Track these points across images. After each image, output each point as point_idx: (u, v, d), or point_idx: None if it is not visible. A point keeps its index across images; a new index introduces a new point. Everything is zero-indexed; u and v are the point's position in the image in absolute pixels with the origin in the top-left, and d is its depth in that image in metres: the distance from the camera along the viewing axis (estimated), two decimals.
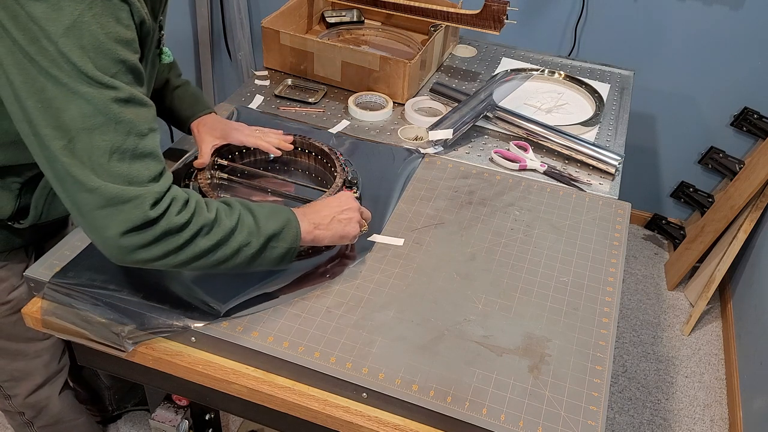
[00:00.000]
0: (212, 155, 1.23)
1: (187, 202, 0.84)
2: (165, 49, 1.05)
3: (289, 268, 1.05)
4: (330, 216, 1.01)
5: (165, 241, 0.81)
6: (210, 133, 1.22)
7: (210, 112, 1.26)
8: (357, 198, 1.22)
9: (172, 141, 2.39)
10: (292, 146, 1.29)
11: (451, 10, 1.56)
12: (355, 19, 1.83)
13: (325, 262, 1.09)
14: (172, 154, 1.33)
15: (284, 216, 0.94)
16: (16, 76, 0.75)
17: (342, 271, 1.08)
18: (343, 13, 1.83)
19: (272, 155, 1.28)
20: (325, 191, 1.18)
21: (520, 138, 1.44)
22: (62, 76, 0.74)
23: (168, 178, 0.84)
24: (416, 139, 1.44)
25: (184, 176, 1.23)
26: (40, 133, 0.76)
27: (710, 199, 2.30)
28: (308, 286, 1.04)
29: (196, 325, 0.96)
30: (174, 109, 1.25)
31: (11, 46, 0.74)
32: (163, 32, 1.03)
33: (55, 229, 1.24)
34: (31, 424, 1.38)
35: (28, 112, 0.76)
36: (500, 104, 1.51)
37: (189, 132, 1.26)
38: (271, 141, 1.27)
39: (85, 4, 0.74)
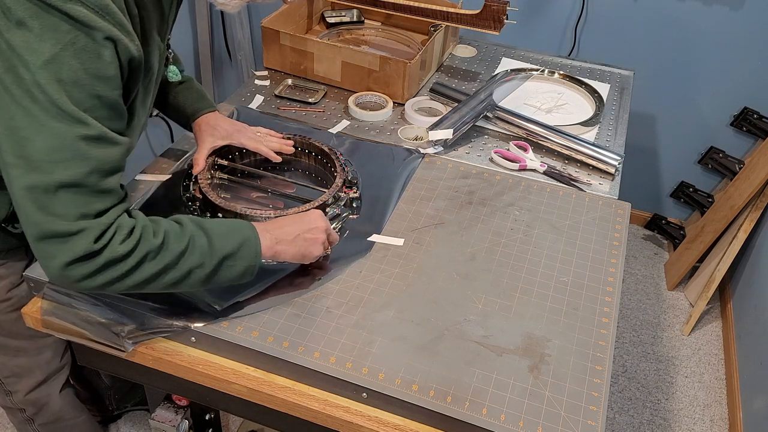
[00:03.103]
0: (212, 155, 1.23)
1: (132, 230, 0.83)
2: (172, 67, 1.05)
3: (285, 269, 1.05)
4: (294, 233, 0.99)
5: (109, 270, 0.82)
6: (211, 134, 1.22)
7: (213, 110, 1.25)
8: (357, 198, 1.22)
9: (172, 141, 2.39)
10: (293, 149, 1.29)
11: (451, 10, 1.56)
12: (355, 19, 1.83)
13: (324, 261, 1.09)
14: (172, 154, 1.33)
15: (242, 234, 0.93)
16: None
17: (342, 271, 1.08)
18: (343, 13, 1.83)
19: None
20: (325, 191, 1.18)
21: (520, 138, 1.44)
22: (33, 108, 0.74)
23: (118, 209, 0.83)
24: (416, 139, 1.44)
25: (184, 177, 1.23)
26: (5, 160, 0.77)
27: (710, 199, 2.30)
28: (308, 287, 1.04)
29: (196, 325, 0.96)
30: (177, 105, 1.24)
31: None
32: (170, 51, 1.03)
33: None
34: (32, 422, 1.38)
35: None
36: (500, 104, 1.51)
37: (191, 129, 1.25)
38: (272, 146, 1.27)
39: (68, 39, 0.74)
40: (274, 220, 1.02)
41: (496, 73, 1.70)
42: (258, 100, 1.53)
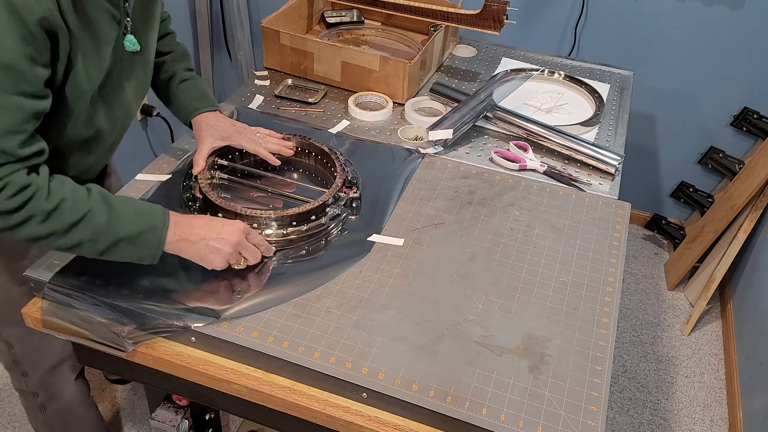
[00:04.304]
0: (212, 155, 1.23)
1: (24, 188, 0.85)
2: (129, 36, 1.03)
3: (285, 270, 1.05)
4: (200, 236, 0.97)
5: None
6: (211, 134, 1.22)
7: (214, 110, 1.25)
8: (357, 198, 1.22)
9: (173, 141, 2.39)
10: (292, 151, 1.29)
11: (451, 10, 1.56)
12: (355, 19, 1.83)
13: (324, 262, 1.09)
14: (172, 154, 1.33)
15: (149, 221, 0.93)
16: None
17: (342, 271, 1.08)
18: (343, 13, 1.84)
19: None
20: (325, 191, 1.18)
21: (520, 138, 1.44)
22: None
23: (13, 167, 0.85)
24: (416, 139, 1.44)
25: (184, 177, 1.23)
26: None
27: (710, 199, 2.30)
28: (308, 286, 1.04)
29: (196, 325, 0.96)
30: (179, 102, 1.24)
31: None
32: (129, 19, 1.02)
33: None
34: (44, 409, 1.39)
35: None
36: (500, 104, 1.51)
37: (192, 127, 1.25)
38: (271, 148, 1.26)
39: None
40: (192, 217, 1.00)
41: (496, 73, 1.70)
42: (258, 100, 1.53)
